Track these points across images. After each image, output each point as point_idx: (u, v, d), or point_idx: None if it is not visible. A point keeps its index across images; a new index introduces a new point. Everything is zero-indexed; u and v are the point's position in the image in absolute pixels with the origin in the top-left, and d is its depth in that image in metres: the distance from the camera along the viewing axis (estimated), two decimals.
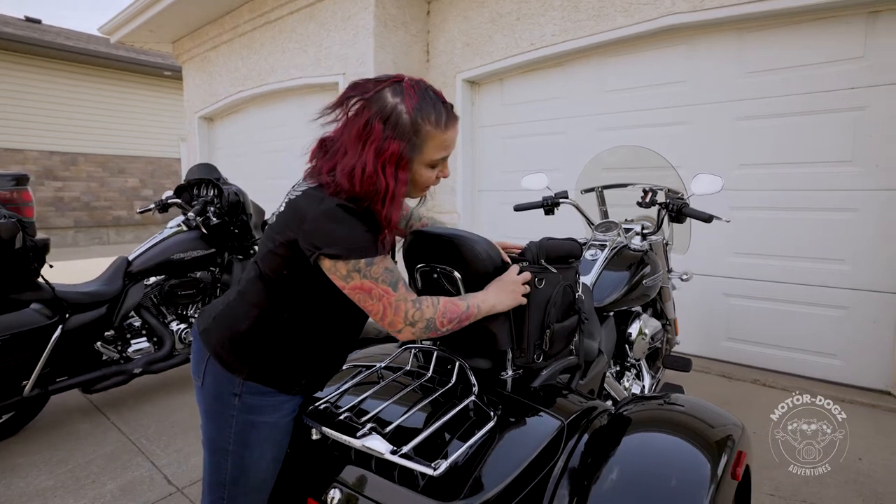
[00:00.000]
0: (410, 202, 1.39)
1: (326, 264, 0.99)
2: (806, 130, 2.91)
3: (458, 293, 1.27)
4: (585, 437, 1.14)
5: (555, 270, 1.32)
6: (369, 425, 1.07)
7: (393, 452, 0.99)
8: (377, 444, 1.00)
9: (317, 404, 1.18)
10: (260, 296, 1.10)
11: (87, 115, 10.23)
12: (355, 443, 1.02)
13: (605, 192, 2.51)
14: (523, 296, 1.23)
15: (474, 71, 4.20)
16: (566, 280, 1.38)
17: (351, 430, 1.06)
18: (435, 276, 1.31)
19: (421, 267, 1.33)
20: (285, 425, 1.14)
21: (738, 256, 3.23)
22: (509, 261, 1.30)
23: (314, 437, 1.16)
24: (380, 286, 1.00)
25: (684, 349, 3.07)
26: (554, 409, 1.19)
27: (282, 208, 1.10)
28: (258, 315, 1.09)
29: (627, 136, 3.44)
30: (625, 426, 1.17)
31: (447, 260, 1.26)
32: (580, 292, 1.49)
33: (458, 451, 1.02)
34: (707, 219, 1.94)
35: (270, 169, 5.72)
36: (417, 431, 1.03)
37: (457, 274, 1.25)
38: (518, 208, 2.45)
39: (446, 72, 4.39)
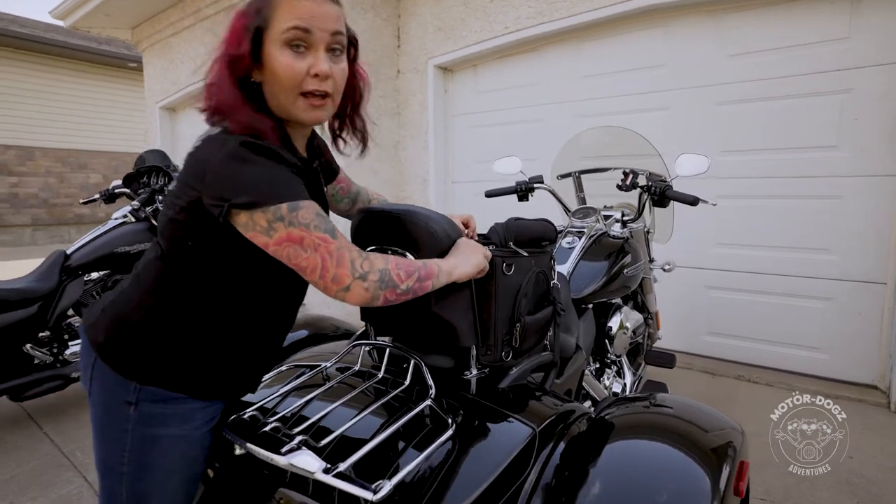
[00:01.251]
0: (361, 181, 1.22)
1: (241, 219, 0.79)
2: (790, 115, 2.80)
3: None
4: (561, 445, 0.97)
5: (526, 254, 1.14)
6: (300, 437, 0.88)
7: (327, 471, 0.80)
8: (306, 462, 0.82)
9: (244, 412, 0.98)
10: (159, 278, 0.89)
11: (45, 107, 9.75)
12: (280, 460, 0.83)
13: (583, 177, 2.36)
14: (488, 285, 1.06)
15: (447, 56, 4.01)
16: (539, 266, 1.21)
17: (279, 443, 0.87)
18: None
19: (370, 250, 1.14)
20: (199, 438, 0.94)
21: (721, 247, 3.11)
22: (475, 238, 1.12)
23: (237, 452, 0.96)
24: (313, 233, 0.79)
25: (664, 345, 2.94)
26: (524, 414, 1.01)
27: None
28: (155, 302, 0.88)
29: (605, 122, 3.28)
30: (607, 432, 1.00)
31: (398, 240, 1.08)
32: (555, 280, 1.32)
33: (408, 468, 0.84)
34: (692, 201, 1.79)
35: None
36: (362, 443, 0.85)
37: (410, 256, 1.06)
38: (489, 194, 2.28)
39: (418, 58, 4.20)
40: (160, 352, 0.88)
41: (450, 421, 0.93)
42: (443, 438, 0.89)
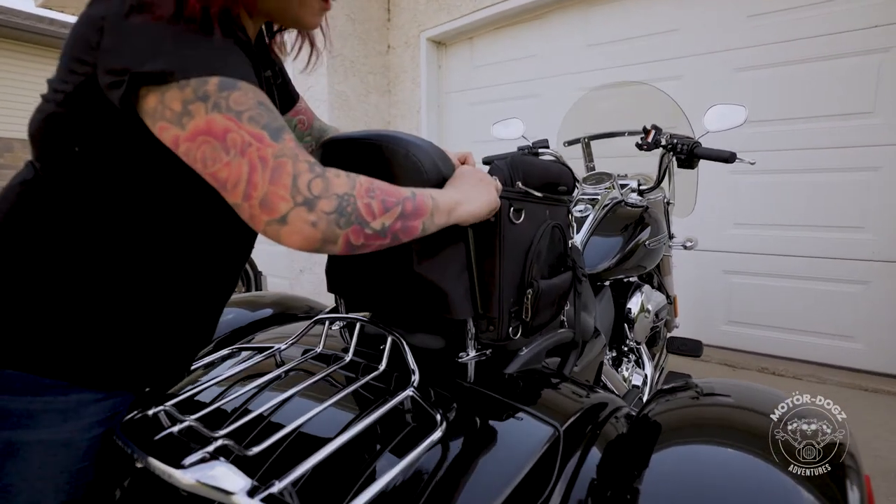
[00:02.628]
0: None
1: (149, 103, 0.52)
2: (819, 79, 2.53)
3: None
4: (594, 452, 0.69)
5: (540, 195, 0.87)
6: (220, 442, 0.61)
7: (253, 492, 0.53)
8: (222, 478, 0.54)
9: (154, 407, 0.70)
10: (22, 208, 0.62)
11: (25, 97, 9.39)
12: (180, 476, 0.55)
13: (593, 144, 2.09)
14: (490, 237, 0.79)
15: (440, 28, 3.74)
16: (554, 219, 0.94)
17: (189, 451, 0.59)
18: None
19: None
20: (88, 445, 0.66)
21: (740, 227, 2.85)
22: None
23: (139, 464, 0.68)
24: (245, 127, 0.51)
25: (678, 335, 2.68)
26: (541, 408, 0.75)
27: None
28: (15, 243, 0.61)
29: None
30: (654, 435, 0.72)
31: (373, 177, 0.80)
32: (574, 240, 1.06)
33: (376, 486, 0.57)
34: (728, 157, 1.52)
35: None
36: (313, 450, 0.58)
37: None
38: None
39: (409, 31, 3.92)
40: (20, 317, 0.60)
41: (438, 417, 0.66)
42: (428, 442, 0.62)
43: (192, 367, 0.87)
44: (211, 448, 0.59)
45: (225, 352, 0.94)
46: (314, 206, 0.52)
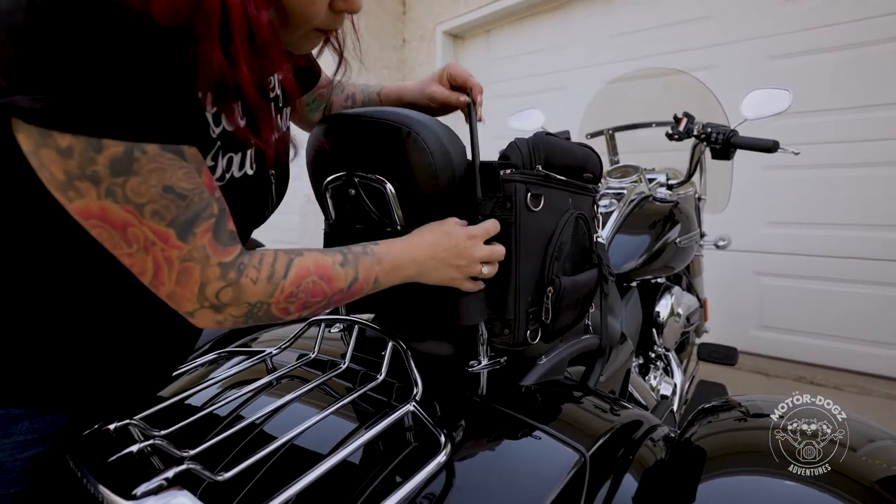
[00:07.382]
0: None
1: (21, 138, 0.41)
2: (862, 66, 2.36)
3: (391, 223, 0.72)
4: (629, 480, 0.59)
5: (562, 179, 0.77)
6: (184, 465, 0.52)
7: None
8: None
9: (115, 422, 0.61)
10: None
11: None
12: None
13: (618, 136, 1.97)
14: (506, 223, 0.69)
15: (457, 21, 3.65)
16: (578, 208, 0.83)
17: (146, 476, 0.50)
18: (352, 192, 0.74)
19: (333, 180, 0.76)
20: (19, 466, 0.57)
21: (774, 227, 2.68)
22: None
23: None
24: (146, 223, 0.43)
25: (705, 340, 2.54)
26: (564, 428, 0.64)
27: None
28: None
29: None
30: (698, 462, 0.61)
31: (374, 161, 0.71)
32: (599, 234, 0.94)
33: None
34: (770, 146, 1.39)
35: None
36: (296, 475, 0.49)
37: (389, 186, 0.69)
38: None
39: (425, 24, 3.83)
40: None
41: (443, 438, 0.56)
42: (430, 468, 0.53)
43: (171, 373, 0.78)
44: (170, 474, 0.49)
45: (211, 356, 0.85)
46: (222, 311, 0.51)
